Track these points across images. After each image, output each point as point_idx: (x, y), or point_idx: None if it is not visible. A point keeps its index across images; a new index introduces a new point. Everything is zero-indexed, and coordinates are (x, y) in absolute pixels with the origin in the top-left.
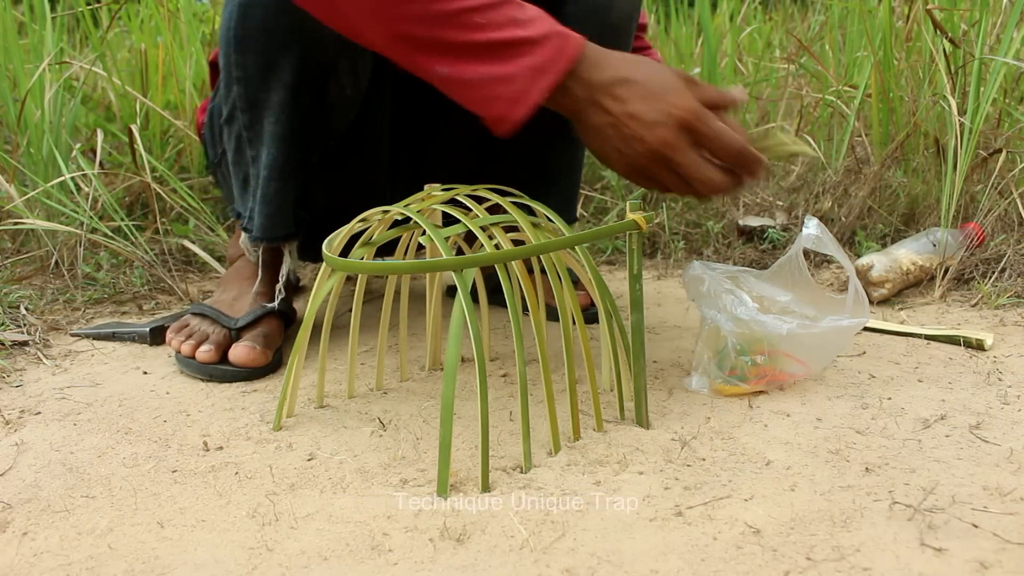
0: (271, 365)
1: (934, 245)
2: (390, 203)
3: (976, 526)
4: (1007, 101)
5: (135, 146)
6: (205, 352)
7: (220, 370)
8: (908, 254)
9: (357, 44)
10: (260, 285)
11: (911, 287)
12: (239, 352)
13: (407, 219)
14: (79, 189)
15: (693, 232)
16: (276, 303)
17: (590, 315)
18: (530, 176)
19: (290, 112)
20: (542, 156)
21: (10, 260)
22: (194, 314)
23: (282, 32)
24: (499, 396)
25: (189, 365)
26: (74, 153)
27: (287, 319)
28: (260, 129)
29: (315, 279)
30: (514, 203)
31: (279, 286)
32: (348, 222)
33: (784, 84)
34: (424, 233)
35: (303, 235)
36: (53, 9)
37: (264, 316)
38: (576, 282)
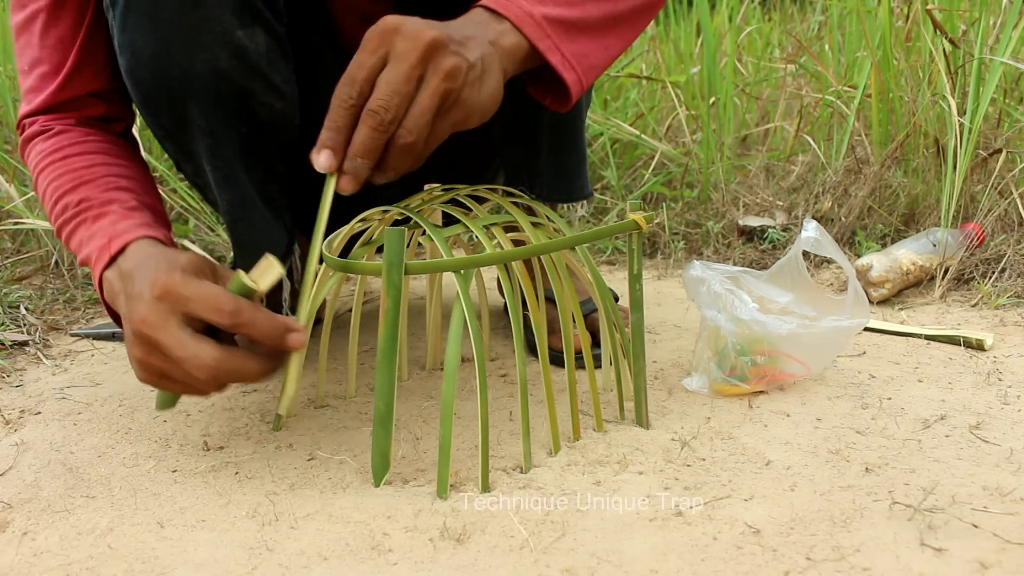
0: None
1: (934, 245)
2: (388, 203)
3: (976, 526)
4: (1007, 101)
5: None
6: None
7: None
8: (908, 254)
9: (262, 63)
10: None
11: (911, 287)
12: None
13: (407, 219)
14: None
15: (693, 232)
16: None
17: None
18: (525, 149)
19: (222, 152)
20: (531, 132)
21: (10, 260)
22: None
23: (177, 84)
24: (499, 396)
25: None
26: None
27: None
28: (205, 177)
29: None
30: (514, 203)
31: (285, 309)
32: (347, 222)
33: (784, 84)
34: (424, 233)
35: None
36: None
37: None
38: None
